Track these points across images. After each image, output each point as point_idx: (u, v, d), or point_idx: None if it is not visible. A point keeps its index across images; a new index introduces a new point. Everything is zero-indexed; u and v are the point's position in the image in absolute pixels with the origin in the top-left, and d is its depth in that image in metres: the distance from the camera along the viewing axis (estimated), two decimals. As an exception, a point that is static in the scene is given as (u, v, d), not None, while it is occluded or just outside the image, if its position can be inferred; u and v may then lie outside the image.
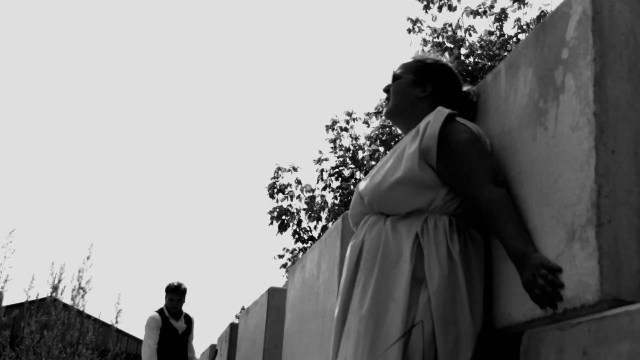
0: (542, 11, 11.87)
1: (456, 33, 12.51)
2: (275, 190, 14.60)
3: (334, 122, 14.96)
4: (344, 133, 14.95)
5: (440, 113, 2.10)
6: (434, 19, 12.68)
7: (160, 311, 7.25)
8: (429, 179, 2.05)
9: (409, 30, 12.81)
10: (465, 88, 2.35)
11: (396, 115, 2.37)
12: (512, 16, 12.58)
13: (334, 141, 14.86)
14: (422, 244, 2.02)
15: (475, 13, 12.42)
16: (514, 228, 1.88)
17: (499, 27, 12.56)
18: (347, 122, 15.02)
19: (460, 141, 2.05)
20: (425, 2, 12.56)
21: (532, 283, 1.78)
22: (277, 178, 14.72)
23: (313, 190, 14.74)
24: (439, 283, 1.95)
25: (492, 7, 12.52)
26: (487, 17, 12.51)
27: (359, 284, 2.09)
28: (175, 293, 7.19)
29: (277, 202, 14.67)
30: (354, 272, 2.14)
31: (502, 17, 12.47)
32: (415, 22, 12.77)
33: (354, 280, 2.13)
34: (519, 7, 12.39)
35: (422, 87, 2.30)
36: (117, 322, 10.12)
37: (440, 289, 1.95)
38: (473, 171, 2.01)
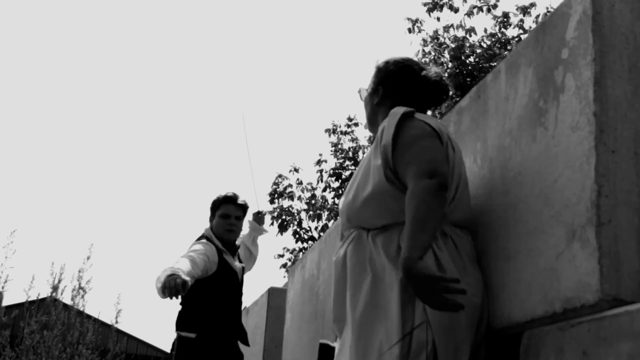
0: (549, 11, 11.85)
1: (462, 30, 12.48)
2: (276, 195, 14.72)
3: (335, 127, 15.02)
4: (343, 137, 15.00)
5: (393, 116, 2.07)
6: (438, 19, 12.67)
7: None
8: (399, 189, 2.01)
9: (409, 30, 12.82)
10: (426, 72, 2.26)
11: (370, 128, 2.40)
12: (514, 18, 12.56)
13: (335, 145, 14.90)
14: None
15: (478, 9, 12.37)
16: (411, 226, 1.82)
17: (500, 30, 12.53)
18: (348, 126, 15.07)
19: (406, 137, 2.02)
20: (430, 5, 12.55)
21: (418, 291, 1.76)
22: (278, 185, 14.82)
23: (314, 189, 14.78)
24: None
25: (495, 6, 12.50)
26: (490, 13, 12.46)
27: (347, 301, 2.06)
28: (233, 205, 4.21)
29: (278, 202, 14.73)
30: (342, 289, 2.11)
31: (505, 21, 12.46)
32: (415, 22, 12.77)
33: (344, 297, 2.10)
34: (524, 15, 12.38)
35: (377, 93, 2.30)
36: (117, 322, 10.12)
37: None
38: (411, 164, 1.96)
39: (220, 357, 3.97)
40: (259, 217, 4.54)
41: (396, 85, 2.27)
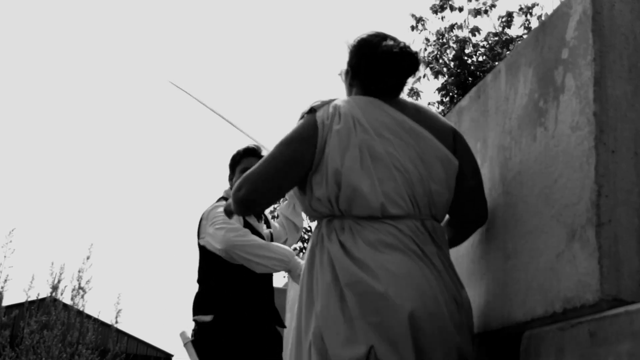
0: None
1: (464, 30, 12.47)
2: None
3: None
4: None
5: (299, 116, 2.12)
6: (442, 19, 12.66)
7: None
8: (301, 189, 2.10)
9: (412, 28, 12.80)
10: (385, 45, 2.13)
11: None
12: (518, 19, 12.55)
13: None
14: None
15: (477, 12, 12.37)
16: None
17: (503, 29, 12.51)
18: None
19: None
20: (436, 8, 12.53)
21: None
22: None
23: (313, 189, 14.78)
24: (322, 296, 1.93)
25: (494, 5, 12.48)
26: (488, 16, 12.45)
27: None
28: (256, 157, 3.39)
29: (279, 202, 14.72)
30: None
31: (508, 20, 12.44)
32: (418, 20, 12.75)
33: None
34: (526, 14, 12.36)
35: (348, 73, 2.23)
36: (117, 322, 10.13)
37: (324, 303, 1.91)
38: None
39: (246, 344, 3.15)
40: None
41: (359, 63, 2.18)
